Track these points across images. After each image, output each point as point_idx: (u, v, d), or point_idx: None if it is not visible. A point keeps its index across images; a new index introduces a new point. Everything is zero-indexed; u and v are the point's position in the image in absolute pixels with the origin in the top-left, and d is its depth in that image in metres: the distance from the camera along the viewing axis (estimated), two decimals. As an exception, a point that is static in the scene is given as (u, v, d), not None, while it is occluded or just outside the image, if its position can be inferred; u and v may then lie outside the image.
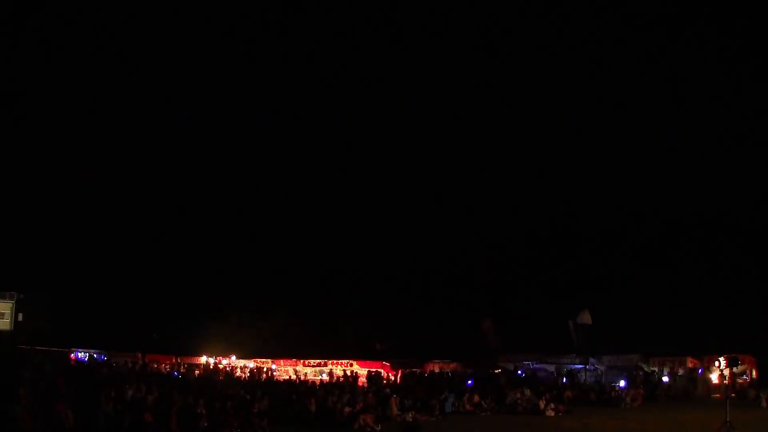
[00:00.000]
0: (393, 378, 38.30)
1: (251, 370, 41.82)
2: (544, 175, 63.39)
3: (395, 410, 23.23)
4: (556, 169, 63.42)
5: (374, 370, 39.11)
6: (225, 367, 42.79)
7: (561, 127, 68.24)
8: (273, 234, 62.29)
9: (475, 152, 65.71)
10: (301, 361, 42.15)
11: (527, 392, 28.07)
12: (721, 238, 49.24)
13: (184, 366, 42.72)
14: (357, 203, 65.77)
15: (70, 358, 42.86)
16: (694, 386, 34.08)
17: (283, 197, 66.93)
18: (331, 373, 39.37)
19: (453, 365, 41.36)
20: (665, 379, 35.40)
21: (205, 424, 17.63)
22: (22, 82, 67.62)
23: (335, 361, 40.73)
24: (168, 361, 43.71)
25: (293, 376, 39.94)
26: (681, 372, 35.54)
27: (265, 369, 41.98)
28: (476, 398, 27.06)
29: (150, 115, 72.29)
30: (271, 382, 36.54)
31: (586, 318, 39.41)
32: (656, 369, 36.12)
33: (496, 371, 38.75)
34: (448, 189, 64.86)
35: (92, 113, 71.45)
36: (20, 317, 49.10)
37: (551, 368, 38.25)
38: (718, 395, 30.79)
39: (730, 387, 28.82)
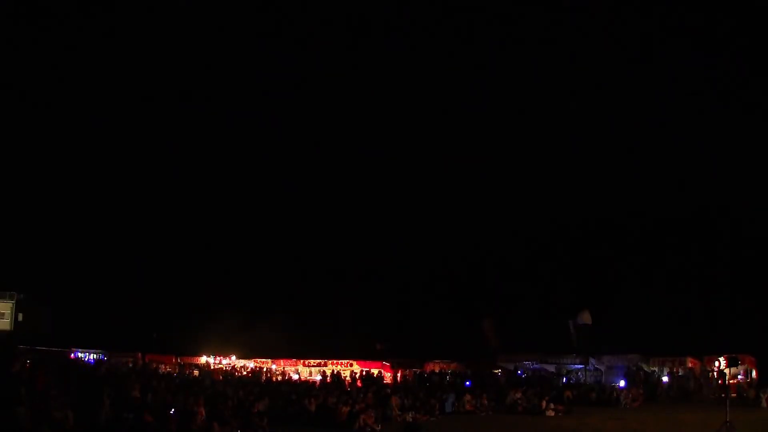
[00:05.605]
0: (393, 378, 38.34)
1: (251, 370, 41.84)
2: (544, 174, 63.37)
3: (395, 410, 23.25)
4: (556, 169, 63.36)
5: (374, 370, 39.14)
6: (225, 367, 42.81)
7: (559, 127, 68.22)
8: (273, 234, 62.35)
9: (474, 152, 65.70)
10: (301, 361, 42.17)
11: (527, 392, 28.09)
12: (721, 237, 49.24)
13: (184, 366, 42.72)
14: (357, 203, 65.80)
15: (70, 358, 42.87)
16: (694, 386, 34.02)
17: (283, 197, 66.93)
18: (331, 373, 39.38)
19: (453, 365, 41.36)
20: (665, 379, 35.35)
21: (206, 424, 17.62)
22: (20, 82, 67.54)
23: (335, 361, 40.74)
24: (168, 361, 43.71)
25: (293, 376, 39.98)
26: (681, 372, 35.50)
27: (264, 369, 42.00)
28: (476, 398, 27.06)
29: (149, 114, 72.30)
30: (271, 382, 36.56)
31: (586, 318, 39.41)
32: (656, 369, 36.06)
33: (496, 371, 38.78)
34: (448, 189, 64.87)
35: (92, 112, 71.38)
36: (20, 317, 49.13)
37: (551, 368, 38.24)
38: (717, 395, 30.75)
39: (730, 387, 28.78)
